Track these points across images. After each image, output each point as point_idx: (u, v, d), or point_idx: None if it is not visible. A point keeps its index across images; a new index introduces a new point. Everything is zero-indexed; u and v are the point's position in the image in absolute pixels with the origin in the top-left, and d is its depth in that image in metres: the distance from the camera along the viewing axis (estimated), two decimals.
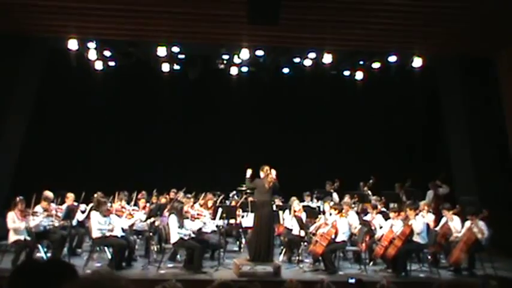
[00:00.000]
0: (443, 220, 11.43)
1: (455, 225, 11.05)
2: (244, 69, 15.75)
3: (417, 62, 14.12)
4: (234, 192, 14.78)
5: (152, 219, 11.60)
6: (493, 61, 14.12)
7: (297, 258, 11.47)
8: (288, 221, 12.28)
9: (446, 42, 13.22)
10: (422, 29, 12.54)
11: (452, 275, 10.55)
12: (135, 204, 12.42)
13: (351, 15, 11.73)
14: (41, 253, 10.36)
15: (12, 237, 9.95)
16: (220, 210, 11.48)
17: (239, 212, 12.54)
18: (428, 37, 12.96)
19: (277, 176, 10.52)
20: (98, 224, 10.32)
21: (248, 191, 13.83)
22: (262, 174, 10.57)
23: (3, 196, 12.44)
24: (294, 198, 12.58)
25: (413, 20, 12.02)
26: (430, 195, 14.13)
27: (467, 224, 10.72)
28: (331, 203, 12.26)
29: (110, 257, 10.67)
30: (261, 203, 10.55)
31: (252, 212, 11.74)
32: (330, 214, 11.25)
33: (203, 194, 13.00)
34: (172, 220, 10.46)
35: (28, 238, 10.09)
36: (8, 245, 10.10)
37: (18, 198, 10.24)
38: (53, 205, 11.11)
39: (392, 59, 14.46)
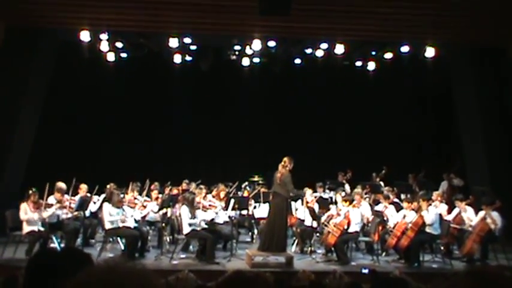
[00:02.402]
0: (456, 211, 11.38)
1: (468, 215, 11.00)
2: (256, 60, 15.69)
3: (430, 52, 13.98)
4: (246, 183, 14.79)
5: (164, 210, 11.65)
6: (506, 50, 13.99)
7: (310, 248, 11.49)
8: (301, 211, 12.28)
9: (458, 31, 13.09)
10: (433, 18, 12.42)
11: (465, 266, 10.51)
12: (148, 195, 12.46)
13: (363, 4, 11.65)
14: (55, 244, 10.45)
15: (26, 228, 10.05)
16: (232, 201, 11.51)
17: (251, 202, 12.56)
18: (439, 26, 12.84)
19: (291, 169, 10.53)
20: (110, 216, 10.37)
21: (260, 181, 13.87)
22: (280, 167, 10.56)
23: (17, 188, 12.52)
24: (306, 188, 12.58)
25: (424, 9, 11.91)
26: (444, 185, 14.08)
27: (481, 214, 10.66)
28: (343, 194, 12.25)
29: (122, 247, 10.75)
30: (273, 194, 10.59)
31: (264, 202, 11.80)
32: (343, 205, 11.24)
33: (216, 186, 13.02)
34: (184, 211, 10.49)
35: (42, 229, 10.17)
36: (22, 235, 10.20)
37: (31, 190, 10.32)
38: (66, 196, 11.17)
39: (404, 49, 14.32)
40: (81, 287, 1.11)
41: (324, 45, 14.46)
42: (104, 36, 13.97)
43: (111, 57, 14.92)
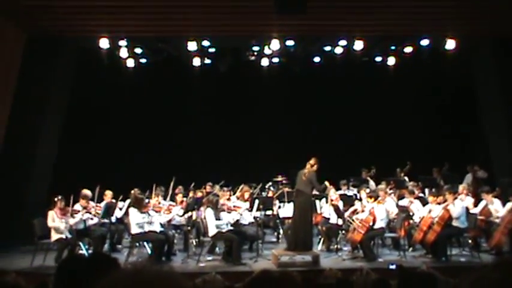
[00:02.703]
0: (482, 203, 11.27)
1: (496, 207, 10.89)
2: (275, 60, 15.68)
3: (450, 44, 13.86)
4: (270, 183, 14.79)
5: (189, 214, 11.70)
6: None
7: (336, 246, 11.46)
8: (325, 209, 12.27)
9: (478, 22, 12.98)
10: (453, 10, 12.33)
11: (493, 259, 10.40)
12: (172, 199, 12.51)
13: None
14: (83, 250, 10.55)
15: (54, 235, 10.20)
16: (257, 201, 11.52)
17: (276, 202, 12.56)
18: (459, 17, 12.74)
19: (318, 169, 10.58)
20: (137, 220, 10.43)
21: (283, 181, 13.87)
22: (308, 165, 10.61)
23: (44, 197, 12.66)
24: (330, 186, 12.55)
25: (442, 1, 11.83)
26: (468, 178, 13.95)
27: (508, 206, 10.54)
28: (367, 191, 12.20)
29: (149, 252, 10.81)
30: (296, 192, 10.61)
31: (288, 202, 11.80)
32: (368, 202, 11.19)
33: (240, 187, 13.04)
34: (209, 213, 10.53)
35: (69, 236, 10.29)
36: (50, 243, 10.32)
37: (57, 198, 10.47)
38: (91, 203, 11.29)
39: (424, 42, 14.21)
40: None
41: (343, 42, 14.41)
42: (122, 43, 14.08)
43: (130, 63, 15.03)
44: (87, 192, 11.19)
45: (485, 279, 1.30)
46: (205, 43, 14.33)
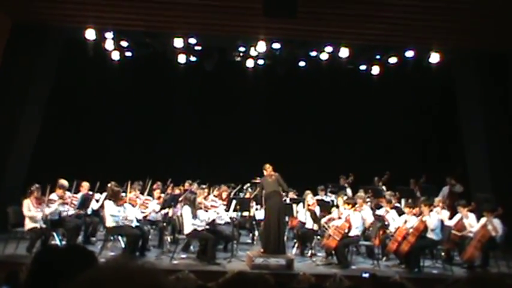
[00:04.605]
0: (457, 217, 11.37)
1: (470, 222, 10.99)
2: (261, 61, 15.71)
3: (434, 58, 14.01)
4: (248, 184, 14.78)
5: (166, 210, 11.67)
6: (511, 57, 13.97)
7: (310, 251, 11.50)
8: (302, 214, 12.29)
9: (463, 37, 13.11)
10: (439, 24, 12.44)
11: (465, 272, 10.51)
12: (149, 194, 12.46)
13: (369, 8, 11.67)
14: (56, 241, 10.46)
15: (28, 224, 10.09)
16: (234, 202, 11.52)
17: (253, 204, 12.58)
18: (445, 32, 12.86)
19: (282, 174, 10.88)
20: (112, 213, 10.38)
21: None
22: (265, 172, 10.89)
23: (19, 184, 12.54)
24: (308, 191, 12.59)
25: (431, 15, 11.93)
26: (445, 191, 14.04)
27: (482, 221, 10.65)
28: (345, 197, 12.26)
29: (123, 246, 10.76)
30: (268, 194, 10.68)
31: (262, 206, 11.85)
32: (344, 208, 11.23)
33: (217, 186, 13.03)
34: (186, 211, 10.50)
35: (44, 226, 10.21)
36: (24, 232, 10.23)
37: (34, 186, 10.38)
38: (68, 193, 11.22)
39: (409, 54, 14.34)
40: (91, 284, 1.12)
41: (329, 48, 14.48)
42: (109, 35, 14.00)
43: (115, 56, 14.95)
44: (64, 182, 11.11)
45: None
46: (192, 41, 14.30)
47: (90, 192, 11.85)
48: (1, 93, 12.98)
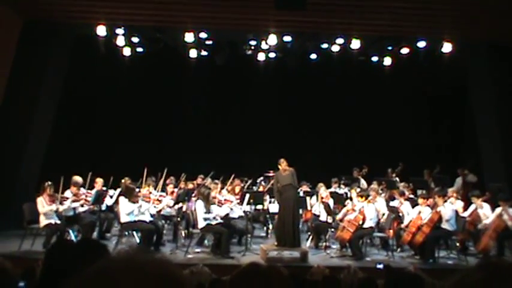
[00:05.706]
0: (472, 207, 11.31)
1: (485, 212, 10.94)
2: (272, 55, 15.67)
3: (446, 47, 13.89)
4: (262, 178, 14.79)
5: (180, 205, 11.69)
6: None
7: (324, 244, 11.48)
8: (316, 207, 12.29)
9: (476, 26, 13.00)
10: (450, 13, 12.35)
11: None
12: (163, 190, 12.49)
13: None
14: (71, 237, 10.53)
15: (43, 221, 10.17)
16: (247, 195, 11.52)
17: (266, 197, 12.58)
18: (457, 21, 12.75)
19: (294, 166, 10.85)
20: (126, 209, 10.42)
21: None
22: (280, 167, 10.85)
23: (34, 181, 12.62)
24: (321, 184, 12.58)
25: (442, 4, 11.85)
26: (458, 182, 13.97)
27: (497, 211, 10.58)
28: (358, 190, 12.23)
29: (138, 241, 10.81)
30: (283, 188, 10.66)
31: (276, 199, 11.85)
32: (358, 201, 11.21)
33: (230, 180, 13.03)
34: (199, 205, 10.52)
35: (58, 222, 10.28)
36: (39, 228, 10.31)
37: (46, 183, 10.45)
38: (82, 190, 11.28)
39: (421, 44, 14.23)
40: (101, 274, 1.12)
41: (340, 40, 14.39)
42: (120, 31, 14.02)
43: (127, 51, 14.96)
44: (77, 178, 11.17)
45: (468, 278, 1.30)
46: (203, 35, 14.29)
47: (104, 188, 11.90)
48: (14, 92, 13.05)
